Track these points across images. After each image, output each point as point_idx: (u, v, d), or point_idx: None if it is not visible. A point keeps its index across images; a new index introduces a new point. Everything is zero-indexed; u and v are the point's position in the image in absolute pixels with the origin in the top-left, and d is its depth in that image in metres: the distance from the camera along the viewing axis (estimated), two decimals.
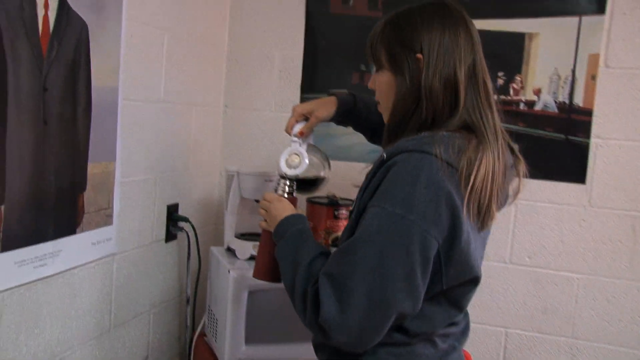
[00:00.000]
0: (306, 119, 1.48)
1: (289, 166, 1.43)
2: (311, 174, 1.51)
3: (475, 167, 1.07)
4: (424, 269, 1.05)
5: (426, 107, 1.14)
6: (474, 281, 1.16)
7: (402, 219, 1.03)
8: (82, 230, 1.54)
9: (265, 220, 1.37)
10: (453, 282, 1.11)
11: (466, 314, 1.27)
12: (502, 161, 1.13)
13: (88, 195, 1.55)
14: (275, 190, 1.45)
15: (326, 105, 1.50)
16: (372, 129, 1.55)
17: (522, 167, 1.20)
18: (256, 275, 1.42)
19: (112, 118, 1.63)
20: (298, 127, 1.47)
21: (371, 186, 1.11)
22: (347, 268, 1.05)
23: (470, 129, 1.13)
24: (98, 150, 1.57)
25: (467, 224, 1.08)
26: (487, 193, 1.08)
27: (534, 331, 2.09)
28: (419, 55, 1.14)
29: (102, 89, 1.56)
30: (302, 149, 1.45)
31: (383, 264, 1.03)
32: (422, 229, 1.03)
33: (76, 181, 1.50)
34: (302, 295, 1.11)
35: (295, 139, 1.46)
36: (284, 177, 1.44)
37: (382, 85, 1.23)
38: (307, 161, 1.43)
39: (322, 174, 1.55)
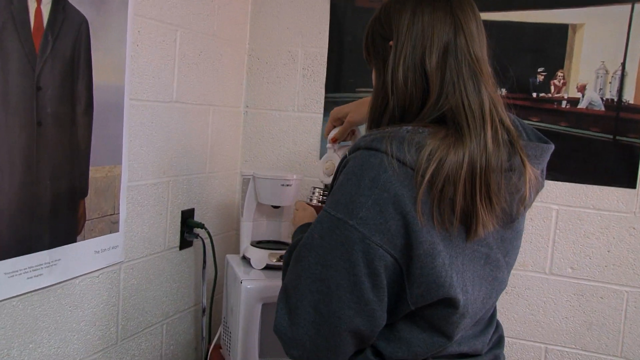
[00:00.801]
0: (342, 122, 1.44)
1: (326, 174, 1.42)
2: None
3: (435, 164, 0.90)
4: (375, 283, 0.92)
5: (394, 98, 1.01)
6: (449, 303, 0.95)
7: (343, 225, 0.92)
8: (84, 238, 1.45)
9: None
10: (420, 301, 0.95)
11: (498, 342, 1.12)
12: (496, 154, 0.94)
13: (90, 201, 1.45)
14: (310, 199, 1.44)
15: (361, 107, 1.40)
16: None
17: (529, 170, 0.99)
18: None
19: (118, 119, 1.53)
20: (334, 132, 1.44)
21: (333, 185, 1.01)
22: (294, 277, 0.98)
23: (449, 120, 0.97)
24: (101, 153, 1.47)
25: (432, 234, 0.91)
26: (463, 194, 0.91)
27: (577, 348, 1.92)
28: (391, 42, 1.02)
29: (106, 88, 1.47)
30: (336, 155, 1.42)
31: (326, 274, 0.93)
32: (363, 235, 0.90)
33: (76, 186, 1.41)
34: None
35: (330, 144, 1.45)
36: (316, 187, 1.45)
37: (373, 83, 1.12)
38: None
39: None
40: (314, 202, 1.42)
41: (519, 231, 1.09)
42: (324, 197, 1.42)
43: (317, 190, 1.43)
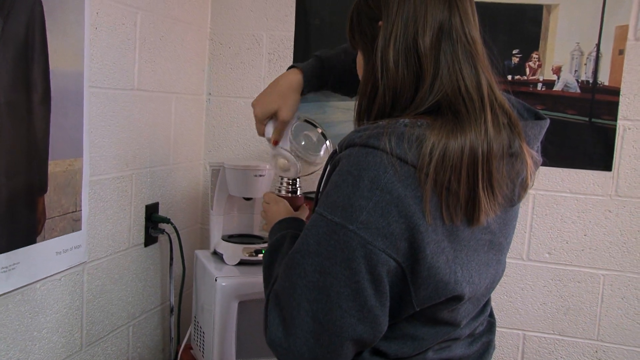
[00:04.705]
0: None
1: (282, 170, 1.32)
2: (309, 171, 1.34)
3: (437, 157, 0.84)
4: (377, 289, 0.85)
5: (384, 83, 0.93)
6: (454, 298, 0.92)
7: (341, 230, 0.85)
8: (44, 239, 1.33)
9: (267, 223, 1.24)
10: (427, 302, 0.90)
11: (490, 328, 1.08)
12: (497, 139, 0.89)
13: (50, 198, 1.33)
14: (279, 190, 1.33)
15: (287, 98, 1.29)
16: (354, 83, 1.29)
17: (527, 153, 0.94)
18: None
19: (77, 108, 1.41)
20: (270, 131, 1.31)
21: (323, 184, 0.94)
22: (288, 285, 0.90)
23: (446, 108, 0.90)
24: (60, 145, 1.35)
25: (438, 232, 0.86)
26: (466, 183, 0.85)
27: (554, 333, 1.91)
28: (380, 23, 0.95)
29: (63, 75, 1.35)
30: (286, 152, 1.31)
31: (325, 282, 0.86)
32: (365, 240, 0.83)
33: (34, 182, 1.28)
34: (264, 312, 0.95)
35: (272, 147, 1.33)
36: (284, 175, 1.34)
37: (359, 67, 1.04)
38: (298, 165, 1.30)
39: (318, 161, 1.36)
40: (283, 192, 1.32)
41: (516, 211, 1.05)
42: (293, 187, 1.33)
43: (285, 179, 1.33)
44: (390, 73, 0.92)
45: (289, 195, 1.32)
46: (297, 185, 1.33)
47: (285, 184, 1.32)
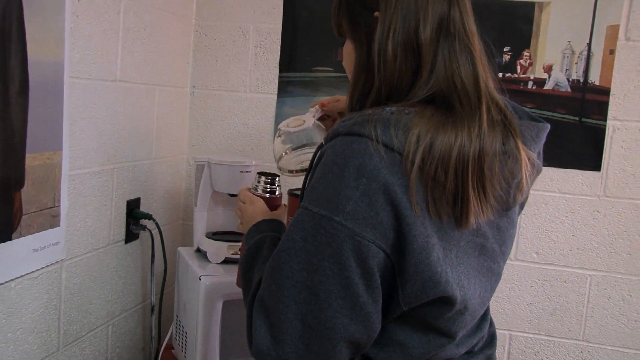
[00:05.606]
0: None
1: (288, 125, 1.26)
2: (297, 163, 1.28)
3: (424, 146, 0.81)
4: (369, 283, 0.81)
5: (380, 76, 0.90)
6: (445, 301, 0.86)
7: (328, 223, 0.81)
8: (20, 235, 1.27)
9: (242, 224, 1.18)
10: (414, 301, 0.85)
11: (490, 341, 1.04)
12: (490, 137, 0.85)
13: (27, 193, 1.28)
14: (255, 189, 1.26)
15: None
16: None
17: (524, 153, 0.90)
18: (239, 284, 1.19)
19: (57, 100, 1.35)
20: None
21: (309, 178, 0.90)
22: (274, 288, 0.85)
23: (439, 100, 0.88)
24: (39, 137, 1.30)
25: (427, 225, 0.82)
26: (454, 180, 0.82)
27: (541, 334, 1.89)
28: (377, 13, 0.91)
29: (43, 65, 1.29)
30: (310, 117, 1.27)
31: (313, 280, 0.82)
32: (353, 232, 0.79)
33: (10, 176, 1.22)
34: (247, 320, 0.91)
35: (315, 108, 1.30)
36: (262, 173, 1.27)
37: (346, 57, 1.00)
38: (310, 123, 1.25)
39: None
40: (260, 192, 1.25)
41: (514, 219, 1.01)
42: (272, 187, 1.26)
43: (263, 178, 1.27)
44: (388, 66, 0.89)
45: (267, 195, 1.25)
46: (276, 185, 1.27)
47: (262, 183, 1.26)
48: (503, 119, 0.89)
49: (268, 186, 1.26)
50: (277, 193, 1.26)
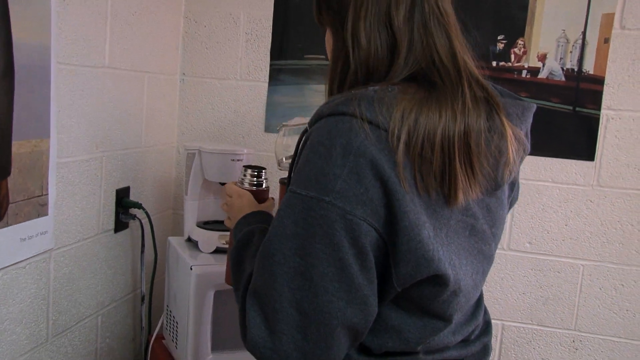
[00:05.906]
0: None
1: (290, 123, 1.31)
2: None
3: (409, 123, 0.80)
4: (363, 263, 0.80)
5: (356, 59, 0.89)
6: (438, 281, 0.85)
7: (317, 204, 0.79)
8: (7, 224, 1.24)
9: (230, 218, 1.17)
10: (408, 280, 0.84)
11: (485, 328, 1.03)
12: (474, 112, 0.84)
13: (14, 181, 1.25)
14: (242, 183, 1.25)
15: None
16: None
17: (509, 130, 0.88)
18: (228, 281, 1.17)
19: (44, 85, 1.32)
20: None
21: (296, 163, 0.88)
22: (266, 277, 0.83)
23: (421, 78, 0.87)
24: (25, 124, 1.27)
25: (416, 202, 0.81)
26: (441, 156, 0.81)
27: (533, 323, 1.89)
28: None
29: (28, 48, 1.26)
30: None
31: (307, 265, 0.80)
32: (343, 211, 0.78)
33: None
34: (240, 315, 0.88)
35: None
36: (248, 166, 1.26)
37: (327, 45, 0.98)
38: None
39: None
40: (246, 185, 1.24)
41: (503, 200, 1.00)
42: (259, 180, 1.25)
43: (249, 171, 1.25)
44: (362, 50, 0.88)
45: (253, 188, 1.23)
46: (262, 178, 1.25)
47: (249, 176, 1.24)
48: (486, 95, 0.88)
49: (255, 179, 1.24)
50: (263, 186, 1.25)
